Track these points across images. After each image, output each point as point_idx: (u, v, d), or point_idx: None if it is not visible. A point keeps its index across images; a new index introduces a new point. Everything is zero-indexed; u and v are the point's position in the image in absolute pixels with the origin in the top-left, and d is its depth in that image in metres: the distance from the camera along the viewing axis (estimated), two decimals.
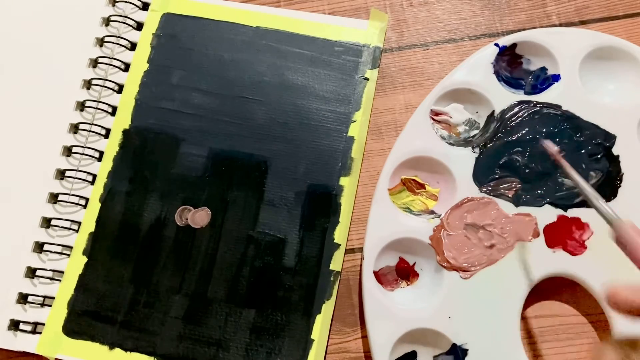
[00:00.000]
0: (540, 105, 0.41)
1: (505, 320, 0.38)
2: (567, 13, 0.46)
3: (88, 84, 0.45)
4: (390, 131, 0.44)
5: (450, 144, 0.42)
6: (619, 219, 0.32)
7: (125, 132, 0.44)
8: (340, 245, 0.41)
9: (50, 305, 0.41)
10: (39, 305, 0.41)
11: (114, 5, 0.47)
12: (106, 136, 0.44)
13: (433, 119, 0.43)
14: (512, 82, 0.43)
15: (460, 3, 0.47)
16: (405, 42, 0.46)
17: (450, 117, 0.43)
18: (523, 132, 0.41)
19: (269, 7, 0.47)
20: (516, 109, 0.42)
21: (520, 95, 0.42)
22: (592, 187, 0.35)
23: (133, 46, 0.46)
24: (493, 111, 0.42)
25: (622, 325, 0.37)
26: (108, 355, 0.39)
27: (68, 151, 0.44)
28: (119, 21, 0.46)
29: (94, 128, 0.44)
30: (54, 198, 0.43)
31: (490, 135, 0.41)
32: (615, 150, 0.40)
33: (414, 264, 0.41)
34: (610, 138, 0.41)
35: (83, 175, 0.43)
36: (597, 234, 0.39)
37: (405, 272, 0.40)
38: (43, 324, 0.40)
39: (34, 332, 0.40)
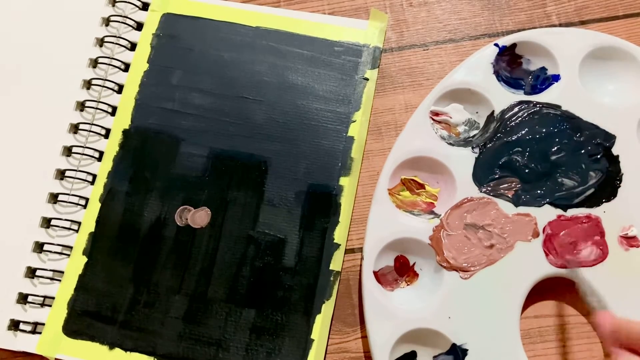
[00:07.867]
0: (540, 106, 0.41)
1: (505, 320, 0.38)
2: (567, 13, 0.46)
3: (88, 84, 0.45)
4: (390, 131, 0.44)
5: (450, 144, 0.42)
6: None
7: (125, 132, 0.44)
8: (340, 245, 0.41)
9: (50, 305, 0.41)
10: (39, 305, 0.41)
11: (114, 6, 0.47)
12: (106, 136, 0.44)
13: (433, 119, 0.43)
14: (512, 82, 0.43)
15: (460, 3, 0.47)
16: (405, 42, 0.46)
17: (450, 117, 0.43)
18: (523, 132, 0.41)
19: (269, 7, 0.47)
20: (516, 109, 0.41)
21: (520, 96, 0.42)
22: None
23: (133, 46, 0.46)
24: (493, 111, 0.42)
25: None
26: (108, 355, 0.40)
27: (68, 151, 0.44)
28: (119, 21, 0.46)
29: (94, 128, 0.44)
30: (54, 198, 0.43)
31: (490, 136, 0.41)
32: (615, 150, 0.40)
33: (414, 264, 0.41)
34: (610, 138, 0.41)
35: (83, 175, 0.43)
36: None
37: (404, 269, 0.40)
38: (43, 324, 0.40)
39: (34, 332, 0.40)
